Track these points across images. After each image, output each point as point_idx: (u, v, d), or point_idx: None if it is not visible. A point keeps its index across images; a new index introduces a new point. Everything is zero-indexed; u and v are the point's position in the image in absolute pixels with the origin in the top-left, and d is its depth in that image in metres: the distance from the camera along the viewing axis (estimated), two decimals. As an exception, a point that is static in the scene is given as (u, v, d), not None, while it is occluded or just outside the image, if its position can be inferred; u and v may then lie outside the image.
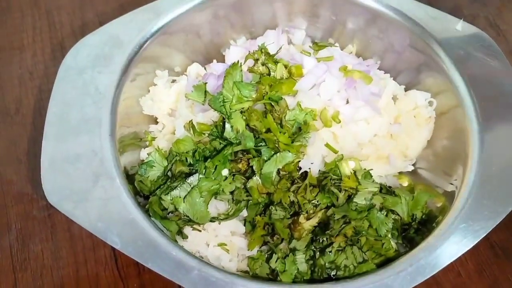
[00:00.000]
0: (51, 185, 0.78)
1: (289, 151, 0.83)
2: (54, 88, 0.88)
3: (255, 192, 0.84)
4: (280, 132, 0.85)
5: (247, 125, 0.87)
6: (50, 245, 0.95)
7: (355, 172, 0.85)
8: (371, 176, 0.84)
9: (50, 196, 0.77)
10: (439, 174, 0.92)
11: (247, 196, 0.85)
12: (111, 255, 0.94)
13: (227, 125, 0.86)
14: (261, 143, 0.86)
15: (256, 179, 0.84)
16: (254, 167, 0.84)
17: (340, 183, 0.83)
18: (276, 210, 0.83)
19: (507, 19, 1.27)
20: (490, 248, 0.96)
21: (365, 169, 0.86)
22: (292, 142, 0.85)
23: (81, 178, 0.79)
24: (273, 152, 0.85)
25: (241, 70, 0.88)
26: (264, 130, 0.86)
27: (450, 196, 0.83)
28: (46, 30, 1.23)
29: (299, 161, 0.87)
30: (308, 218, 0.81)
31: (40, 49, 1.20)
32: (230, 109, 0.86)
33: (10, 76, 1.16)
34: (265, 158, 0.84)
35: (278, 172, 0.85)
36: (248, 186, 0.84)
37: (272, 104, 0.87)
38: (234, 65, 0.88)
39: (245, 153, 0.87)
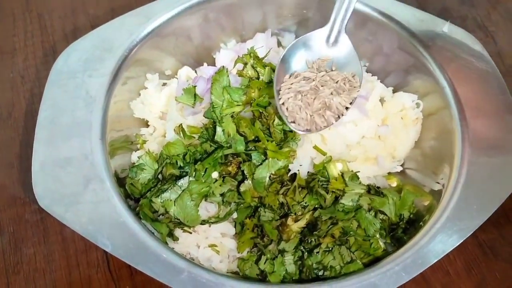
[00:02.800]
0: (42, 189, 0.79)
1: (277, 159, 0.84)
2: (45, 92, 0.88)
3: (248, 196, 0.85)
4: (268, 141, 0.85)
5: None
6: (42, 248, 0.96)
7: (342, 174, 0.86)
8: (358, 178, 0.85)
9: (41, 199, 0.78)
10: (427, 174, 0.93)
11: (239, 198, 0.86)
12: (104, 258, 0.95)
13: (218, 129, 0.87)
14: (251, 148, 0.87)
15: (248, 183, 0.85)
16: (245, 171, 0.85)
17: (327, 185, 0.84)
18: (265, 212, 0.84)
19: (495, 20, 1.29)
20: (478, 246, 0.97)
21: (352, 171, 0.87)
22: (280, 148, 0.86)
23: (72, 181, 0.79)
24: (263, 157, 0.86)
25: (228, 76, 0.89)
26: (253, 137, 0.86)
27: (437, 195, 0.85)
28: (38, 34, 1.23)
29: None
30: (296, 220, 0.82)
31: (32, 53, 1.20)
32: (221, 113, 0.87)
33: (1, 80, 1.16)
34: (256, 163, 0.85)
35: (269, 176, 0.86)
36: (241, 190, 0.85)
37: (260, 110, 0.87)
38: (220, 72, 0.89)
39: (235, 156, 0.87)
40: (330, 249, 0.81)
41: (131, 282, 0.92)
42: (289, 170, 0.89)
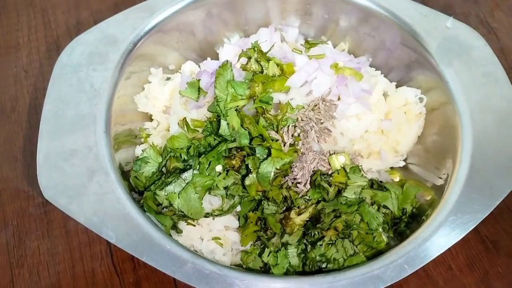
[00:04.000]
0: (47, 181, 0.79)
1: (281, 158, 0.84)
2: (49, 85, 0.89)
3: (253, 190, 0.85)
4: (272, 140, 0.86)
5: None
6: (46, 242, 0.96)
7: (344, 166, 0.86)
8: (360, 171, 0.85)
9: (45, 191, 0.78)
10: (430, 169, 0.93)
11: (243, 192, 0.86)
12: (107, 251, 0.95)
13: (223, 122, 0.87)
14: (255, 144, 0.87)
15: (252, 177, 0.85)
16: (249, 166, 0.85)
17: (330, 178, 0.84)
18: (269, 205, 0.84)
19: (498, 17, 1.29)
20: (480, 241, 0.97)
21: (358, 165, 0.87)
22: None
23: (76, 173, 0.80)
24: (267, 151, 0.86)
25: (232, 70, 0.89)
26: (257, 134, 0.87)
27: (440, 190, 0.85)
28: (42, 29, 1.24)
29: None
30: (299, 213, 0.82)
31: (36, 47, 1.21)
32: (225, 107, 0.87)
33: (5, 75, 1.17)
34: (260, 157, 0.85)
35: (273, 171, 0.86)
36: (246, 184, 0.85)
37: (264, 107, 0.88)
38: (224, 66, 0.89)
39: (239, 150, 0.88)
40: (333, 242, 0.81)
41: (135, 275, 0.93)
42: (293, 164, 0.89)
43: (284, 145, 0.85)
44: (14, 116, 1.11)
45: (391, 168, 0.98)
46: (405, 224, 0.87)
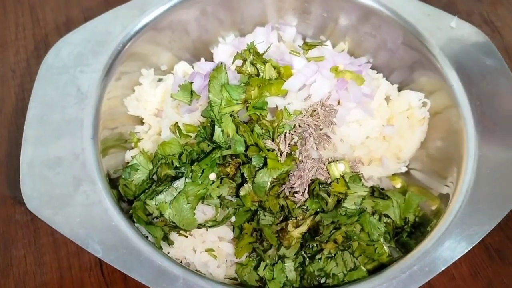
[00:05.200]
0: (30, 190, 0.76)
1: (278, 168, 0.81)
2: (34, 88, 0.86)
3: (248, 201, 0.82)
4: (268, 150, 0.82)
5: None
6: (33, 250, 0.93)
7: (343, 175, 0.82)
8: (360, 180, 0.82)
9: (29, 201, 0.75)
10: (433, 176, 0.90)
11: (237, 204, 0.83)
12: (96, 260, 0.92)
13: (217, 129, 0.83)
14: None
15: (248, 187, 0.82)
16: (245, 174, 0.82)
17: (329, 187, 0.81)
18: (265, 215, 0.81)
19: (502, 15, 1.26)
20: (484, 250, 0.95)
21: (353, 171, 0.84)
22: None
23: (61, 182, 0.77)
24: (263, 159, 0.82)
25: (226, 73, 0.85)
26: (252, 142, 0.83)
27: (445, 199, 0.82)
28: (30, 27, 1.21)
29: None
30: (297, 226, 0.79)
31: (23, 46, 1.17)
32: (219, 112, 0.83)
33: (-9, 75, 1.13)
34: (256, 165, 0.81)
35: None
36: (241, 194, 0.82)
37: (258, 113, 0.84)
38: (218, 68, 0.85)
39: (233, 157, 0.84)
40: (333, 255, 0.78)
41: (125, 286, 0.90)
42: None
43: (281, 155, 0.82)
44: (0, 118, 1.07)
45: (393, 173, 0.95)
46: (407, 234, 0.84)
